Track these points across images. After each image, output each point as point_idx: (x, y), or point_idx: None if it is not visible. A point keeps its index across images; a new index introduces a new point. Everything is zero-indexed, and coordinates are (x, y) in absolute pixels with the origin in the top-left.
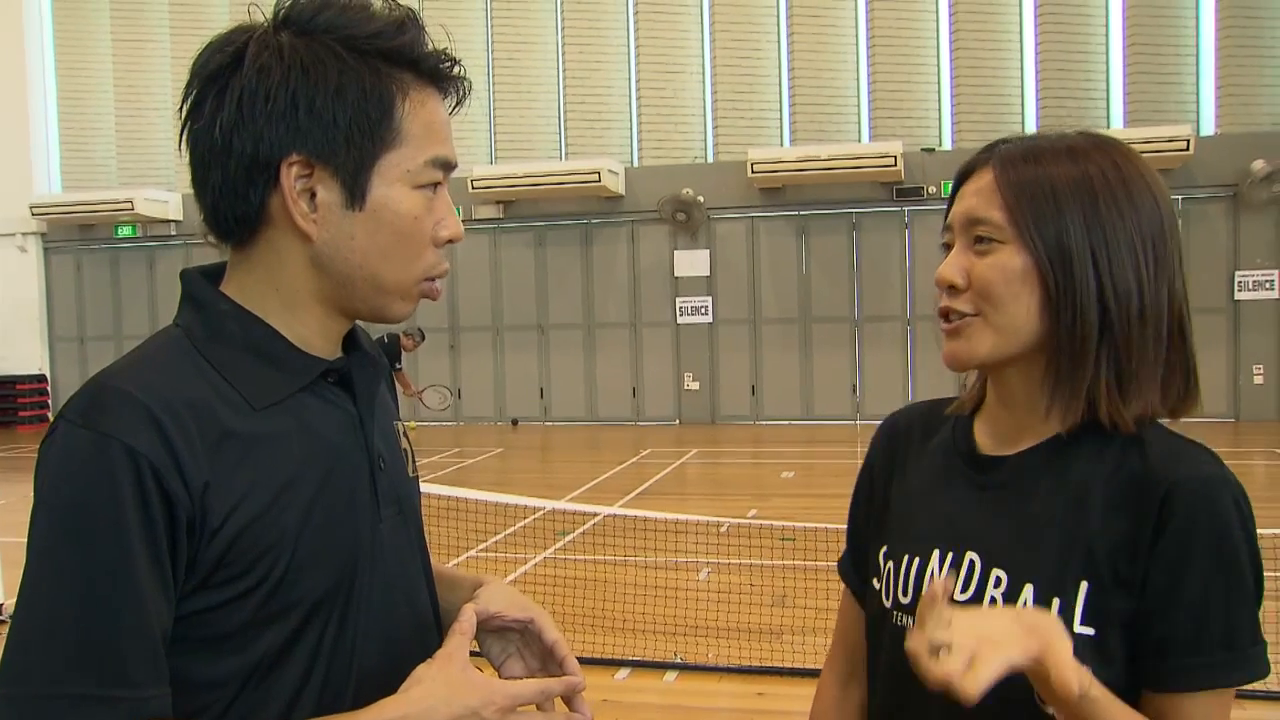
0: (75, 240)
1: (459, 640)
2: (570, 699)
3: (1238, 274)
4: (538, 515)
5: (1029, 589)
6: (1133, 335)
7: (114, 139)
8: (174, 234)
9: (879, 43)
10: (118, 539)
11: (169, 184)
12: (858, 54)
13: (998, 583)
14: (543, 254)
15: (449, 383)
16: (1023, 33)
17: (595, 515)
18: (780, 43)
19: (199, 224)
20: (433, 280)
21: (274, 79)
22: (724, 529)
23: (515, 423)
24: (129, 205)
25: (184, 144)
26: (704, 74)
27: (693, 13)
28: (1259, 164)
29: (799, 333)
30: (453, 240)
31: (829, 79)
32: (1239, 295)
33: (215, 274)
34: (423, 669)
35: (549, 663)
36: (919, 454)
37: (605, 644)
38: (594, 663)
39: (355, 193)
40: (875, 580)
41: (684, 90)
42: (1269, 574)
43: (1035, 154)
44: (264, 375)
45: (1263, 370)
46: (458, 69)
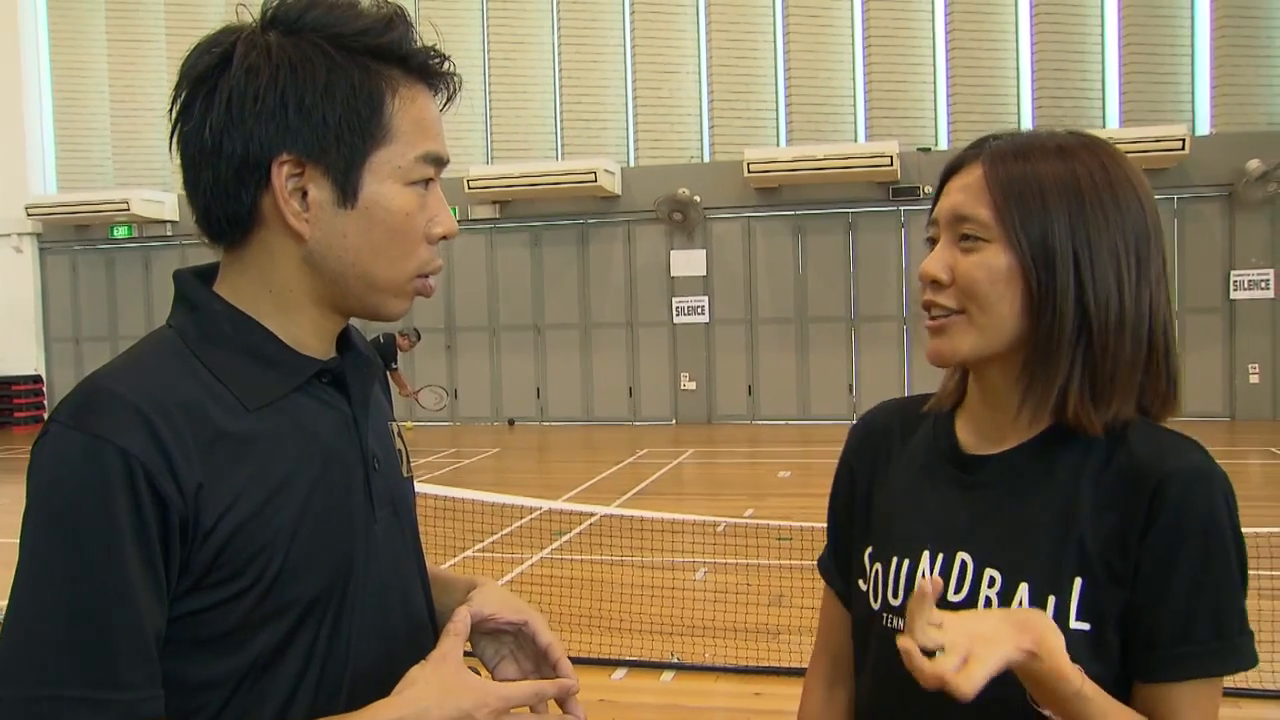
0: (71, 241)
1: (453, 642)
2: (564, 701)
3: (1233, 273)
4: (534, 515)
5: (1024, 588)
6: (1109, 340)
7: (109, 139)
8: (170, 234)
9: (875, 42)
10: (110, 541)
11: (165, 184)
12: (854, 54)
13: (992, 583)
14: (539, 254)
15: (445, 383)
16: (1019, 32)
17: (592, 515)
18: (777, 42)
19: (194, 224)
20: (426, 277)
21: (262, 79)
22: (721, 529)
23: (512, 423)
24: (125, 206)
25: (174, 146)
26: (700, 74)
27: (689, 12)
28: (1254, 163)
29: (795, 332)
30: (446, 236)
31: (825, 79)
32: (1234, 295)
33: (208, 274)
34: (416, 670)
35: (542, 665)
36: (900, 453)
37: (602, 644)
38: (591, 663)
39: (347, 191)
40: (861, 582)
41: (680, 90)
42: (1267, 573)
43: (1025, 152)
44: (257, 376)
45: (1258, 369)
46: (447, 65)
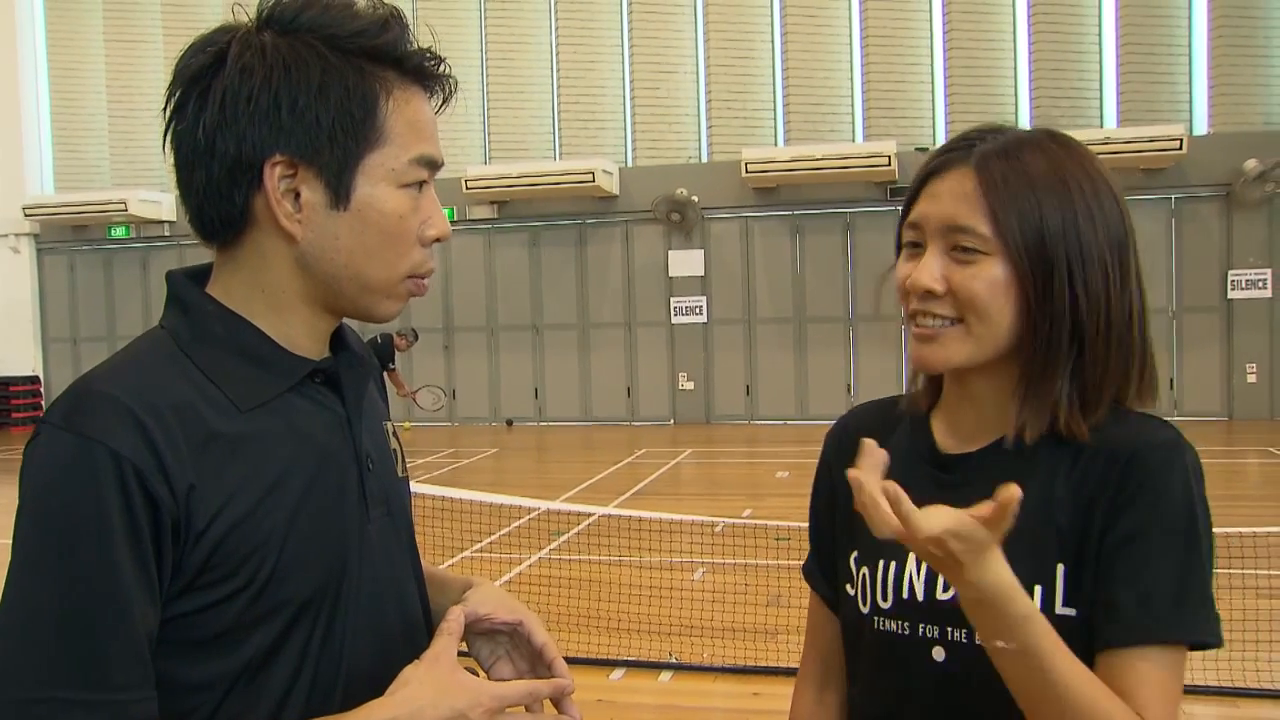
0: (68, 241)
1: (446, 641)
2: (559, 701)
3: (1231, 273)
4: (532, 515)
5: None
6: (1099, 347)
7: (107, 140)
8: (167, 235)
9: (873, 42)
10: (101, 543)
11: (162, 185)
12: (852, 54)
13: None
14: (537, 254)
15: (443, 383)
16: (1016, 32)
17: (590, 515)
18: (774, 42)
19: (188, 223)
20: (419, 278)
21: (256, 79)
22: (719, 529)
23: (510, 423)
24: (122, 206)
25: (168, 145)
26: (698, 74)
27: (686, 12)
28: (1252, 163)
29: (793, 332)
30: (439, 239)
31: (823, 79)
32: (1232, 294)
33: (201, 275)
34: (410, 670)
35: (538, 665)
36: None
37: (600, 644)
38: (589, 663)
39: (339, 193)
40: (849, 586)
41: (678, 90)
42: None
43: (1014, 157)
44: (250, 376)
45: (1255, 369)
46: (443, 67)
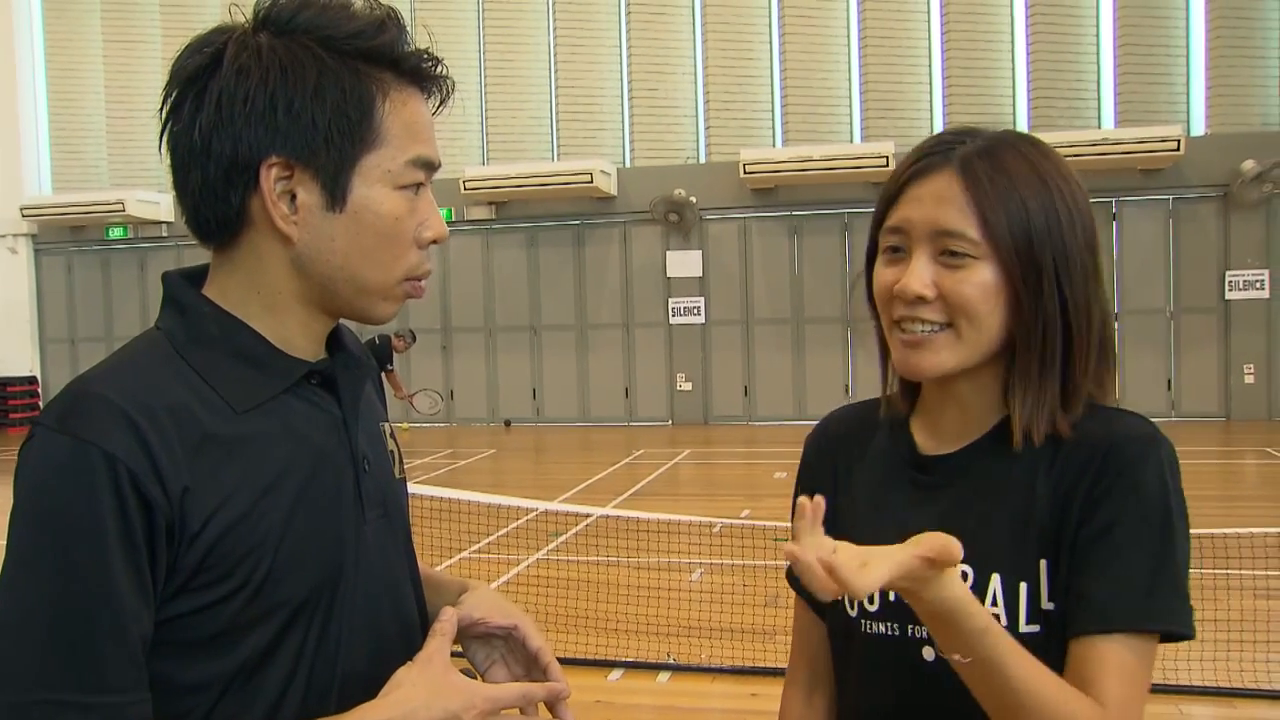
0: (66, 242)
1: (439, 642)
2: (554, 706)
3: (1228, 274)
4: (530, 516)
5: (996, 579)
6: (1083, 345)
7: (105, 140)
8: (165, 235)
9: (871, 43)
10: (95, 545)
11: (160, 185)
12: (850, 54)
13: (964, 578)
14: (535, 255)
15: (441, 384)
16: (1014, 33)
17: (588, 516)
18: (772, 43)
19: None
20: (416, 280)
21: (252, 80)
22: (717, 529)
23: (508, 424)
24: (120, 207)
25: (164, 146)
26: (696, 74)
27: (684, 13)
28: (1249, 164)
29: (791, 333)
30: (436, 241)
31: (821, 79)
32: (1229, 295)
33: (197, 276)
34: (403, 672)
35: (533, 670)
36: (859, 461)
37: (598, 645)
38: (587, 664)
39: (336, 194)
40: None
41: (676, 91)
42: (1261, 572)
43: (997, 160)
44: (246, 378)
45: (1253, 370)
46: (440, 68)
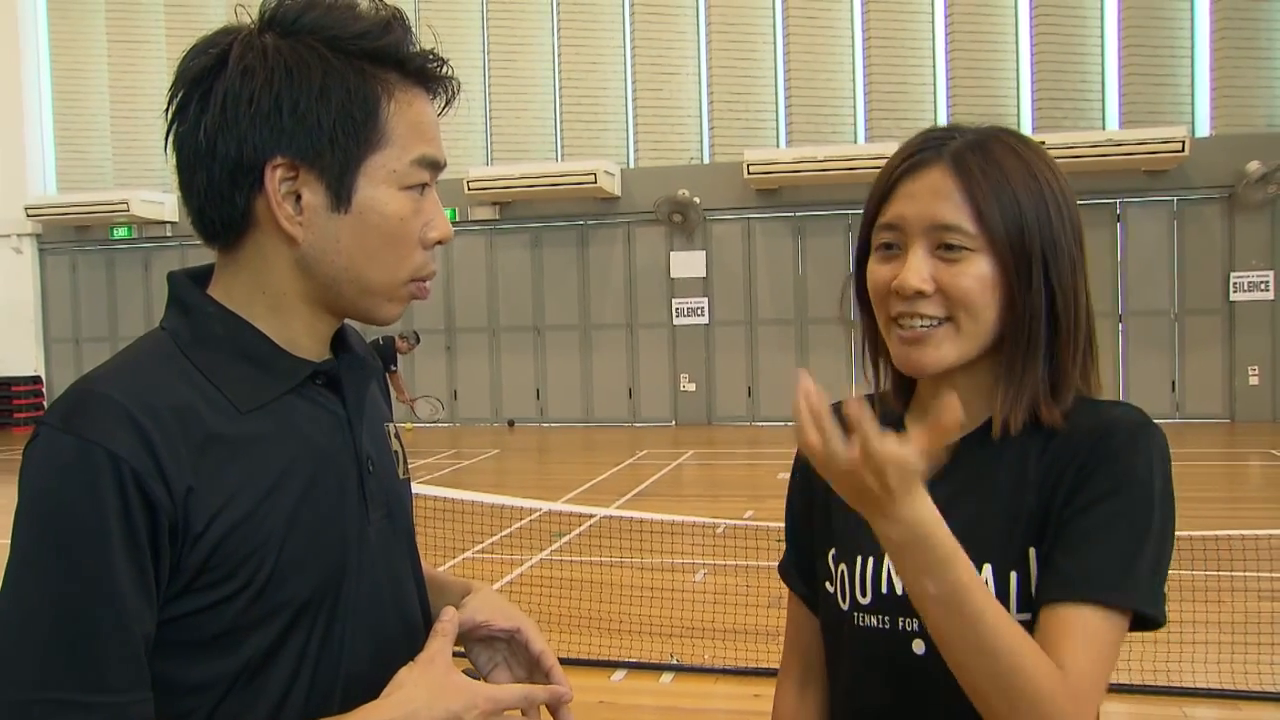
0: (70, 241)
1: (441, 642)
2: (555, 709)
3: (1233, 275)
4: (534, 517)
5: (987, 569)
6: (1069, 335)
7: (109, 140)
8: (169, 235)
9: (875, 44)
10: (99, 544)
11: (164, 185)
12: (854, 55)
13: None
14: (539, 255)
15: (445, 384)
16: (1018, 33)
17: (591, 516)
18: (776, 44)
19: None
20: (421, 281)
21: (257, 81)
22: (720, 530)
23: (511, 424)
24: (124, 206)
25: (169, 147)
26: (700, 75)
27: (689, 14)
28: (1254, 165)
29: (795, 334)
30: (441, 241)
31: (825, 80)
32: (1234, 296)
33: (202, 276)
34: (404, 672)
35: (535, 673)
36: None
37: (601, 645)
38: (590, 664)
39: (341, 195)
40: (828, 584)
41: (680, 91)
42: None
43: (987, 154)
44: (250, 378)
45: (1258, 371)
46: (445, 69)
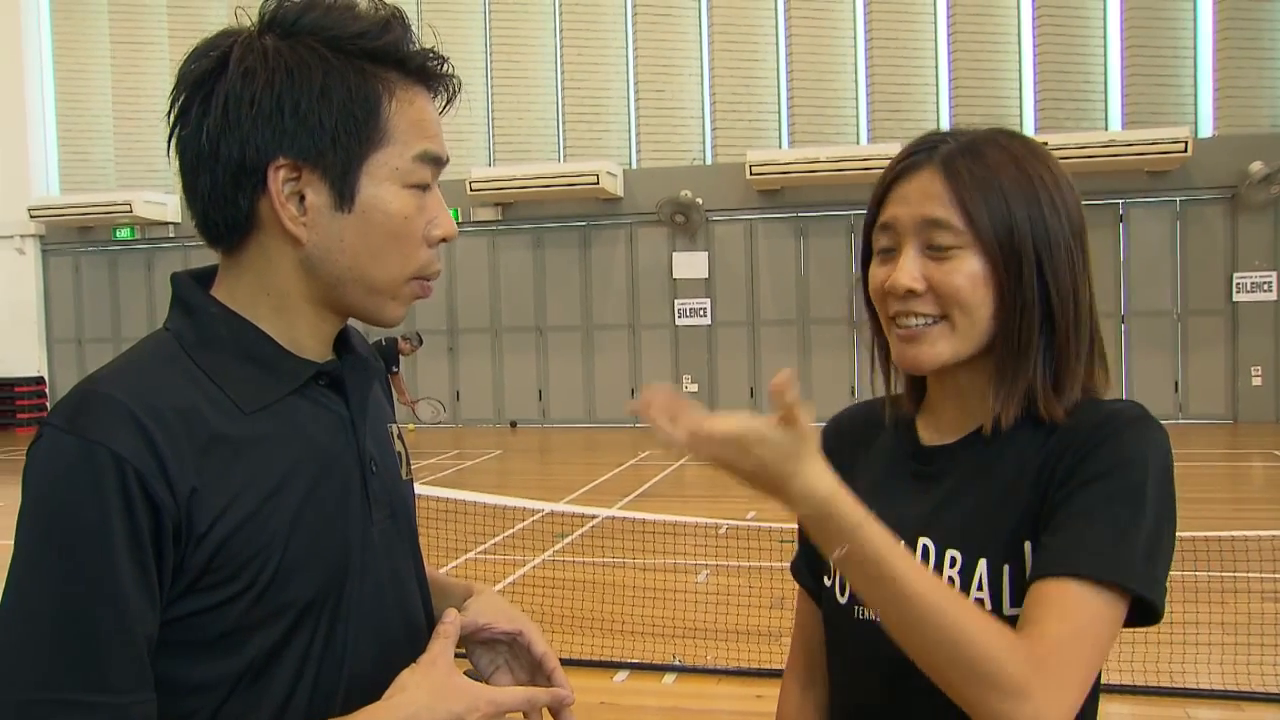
0: (73, 242)
1: (442, 644)
2: (558, 712)
3: (1236, 276)
4: (536, 517)
5: (982, 563)
6: (1069, 333)
7: (112, 141)
8: (172, 236)
9: (877, 44)
10: (101, 545)
11: (167, 186)
12: (856, 56)
13: (953, 563)
14: (541, 256)
15: (447, 385)
16: (1021, 34)
17: (594, 517)
18: (779, 44)
19: (194, 227)
20: (425, 280)
21: (258, 83)
22: (723, 531)
23: (514, 425)
24: (127, 207)
25: (172, 151)
26: (702, 76)
27: (691, 14)
28: (1257, 166)
29: (798, 334)
30: (445, 239)
31: (828, 81)
32: (1237, 297)
33: (206, 277)
34: (406, 675)
35: (537, 675)
36: (866, 454)
37: (604, 646)
38: (592, 665)
39: (344, 194)
40: (826, 578)
41: (682, 92)
42: (1269, 575)
43: (977, 154)
44: (254, 379)
45: (1261, 372)
46: (445, 66)
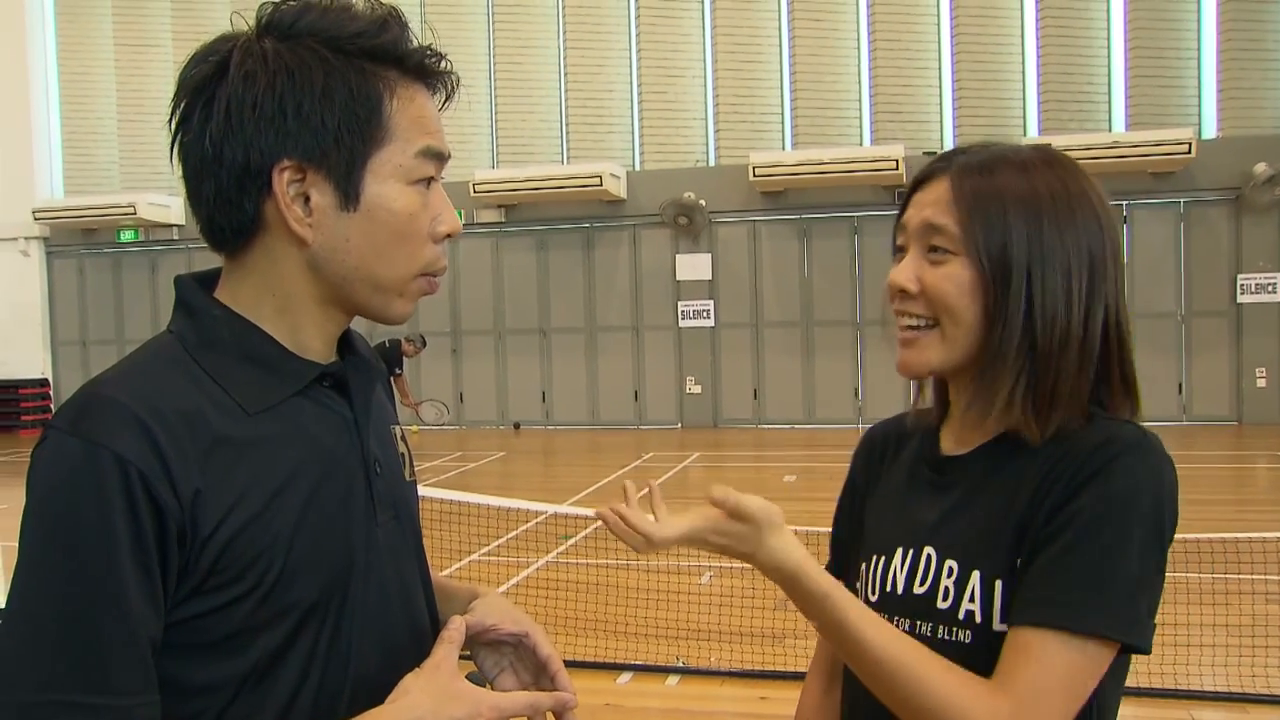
0: (78, 245)
1: (447, 649)
2: (561, 715)
3: (1240, 277)
4: (540, 519)
5: (976, 575)
6: (1052, 356)
7: (116, 143)
8: (176, 238)
9: (880, 46)
10: (105, 547)
11: (171, 188)
12: (859, 57)
13: (950, 573)
14: (544, 258)
15: (451, 386)
16: (1024, 36)
17: (597, 520)
18: (781, 46)
19: (199, 232)
20: (431, 276)
21: (260, 85)
22: None
23: (517, 426)
24: (131, 210)
25: (176, 157)
26: (705, 77)
27: (694, 16)
28: (1261, 167)
29: (801, 336)
30: (451, 234)
31: (830, 82)
32: (1241, 298)
33: (209, 279)
34: (410, 679)
35: (542, 678)
36: (892, 463)
37: (607, 648)
38: (596, 667)
39: (349, 193)
40: (857, 584)
41: (685, 93)
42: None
43: (990, 168)
44: (257, 380)
45: (1265, 373)
46: (444, 63)
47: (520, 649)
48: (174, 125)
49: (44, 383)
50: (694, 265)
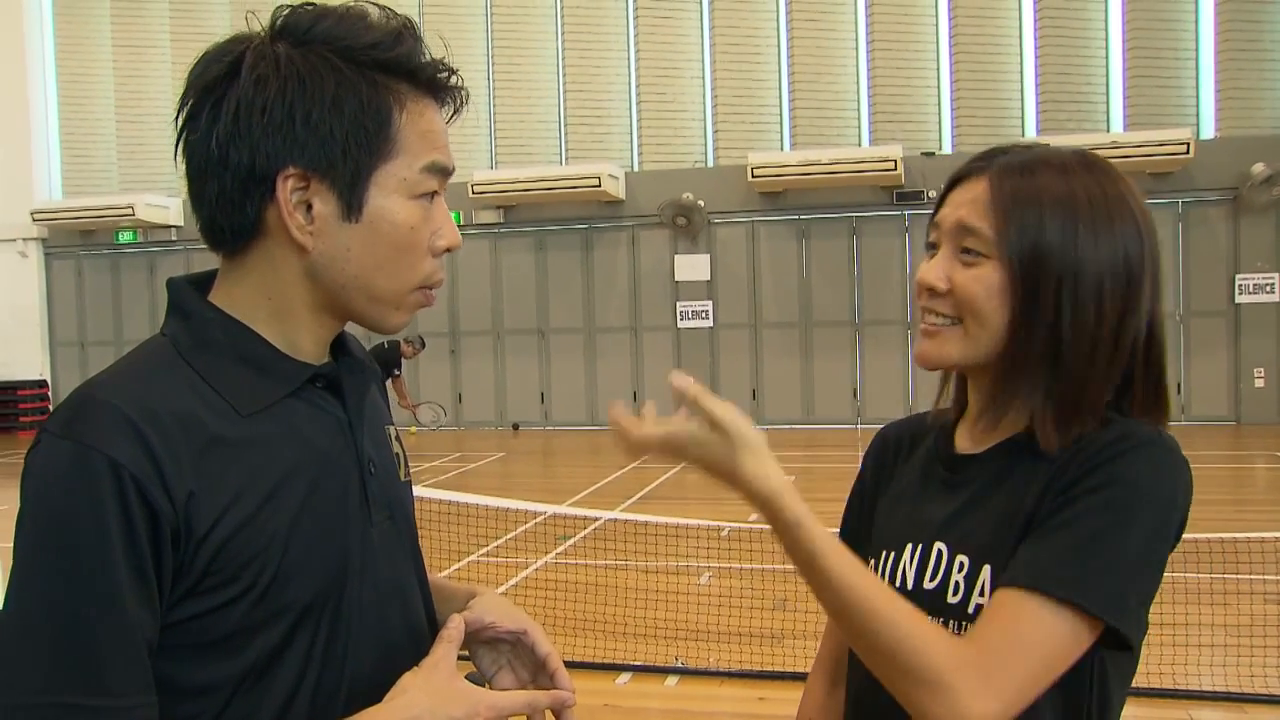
0: (76, 246)
1: (445, 648)
2: (559, 713)
3: (1238, 277)
4: (539, 520)
5: (986, 569)
6: (1078, 365)
7: (115, 145)
8: (175, 239)
9: (879, 46)
10: (99, 551)
11: (170, 189)
12: (858, 58)
13: (961, 567)
14: (543, 259)
15: (449, 387)
16: (1022, 36)
17: (596, 520)
18: (780, 47)
19: (198, 231)
20: (428, 289)
21: (271, 90)
22: (725, 533)
23: (516, 427)
24: (130, 211)
25: (180, 155)
26: (704, 78)
27: (693, 17)
28: (1259, 167)
29: (799, 337)
30: (450, 249)
31: (829, 83)
32: (1239, 299)
33: (203, 282)
34: (408, 678)
35: (540, 676)
36: (905, 462)
37: (606, 649)
38: (595, 667)
39: (352, 204)
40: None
41: (684, 94)
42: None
43: (1029, 170)
44: (251, 381)
45: (1263, 373)
46: (455, 78)
47: (518, 647)
48: (180, 123)
49: (42, 384)
50: (693, 266)
